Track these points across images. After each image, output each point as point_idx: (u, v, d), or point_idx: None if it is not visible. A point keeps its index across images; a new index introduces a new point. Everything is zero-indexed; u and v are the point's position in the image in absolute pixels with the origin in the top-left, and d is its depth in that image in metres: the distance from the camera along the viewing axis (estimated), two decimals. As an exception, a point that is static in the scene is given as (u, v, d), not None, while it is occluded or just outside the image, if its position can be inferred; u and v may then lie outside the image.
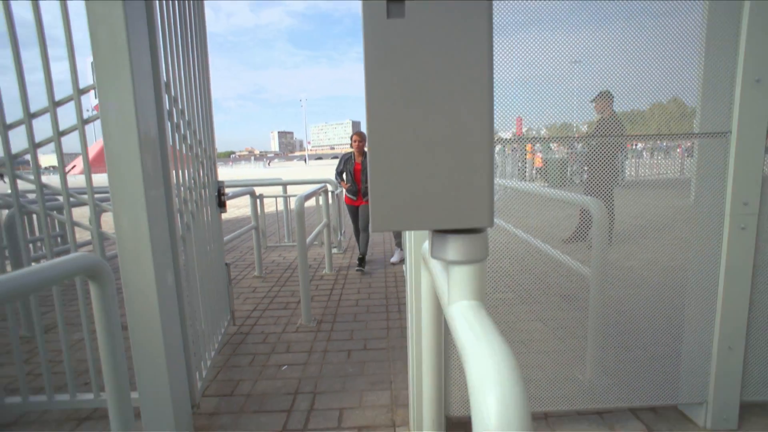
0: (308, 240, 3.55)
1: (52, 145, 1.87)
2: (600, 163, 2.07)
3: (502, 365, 0.55)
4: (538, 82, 2.27)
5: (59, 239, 4.93)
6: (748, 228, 1.69)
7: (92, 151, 2.12)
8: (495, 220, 3.24)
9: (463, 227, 0.73)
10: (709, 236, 1.77)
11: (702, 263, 1.81)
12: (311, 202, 7.39)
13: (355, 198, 4.88)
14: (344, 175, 4.87)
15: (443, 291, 0.86)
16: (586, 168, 3.08)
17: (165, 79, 1.97)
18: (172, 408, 1.90)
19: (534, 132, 2.52)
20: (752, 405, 1.95)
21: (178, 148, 2.14)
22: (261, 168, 61.12)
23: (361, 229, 4.91)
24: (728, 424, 1.84)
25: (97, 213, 1.92)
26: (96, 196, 1.92)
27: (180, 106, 2.20)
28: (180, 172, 2.15)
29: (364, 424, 2.05)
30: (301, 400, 2.28)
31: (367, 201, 4.57)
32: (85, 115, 1.88)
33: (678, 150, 2.64)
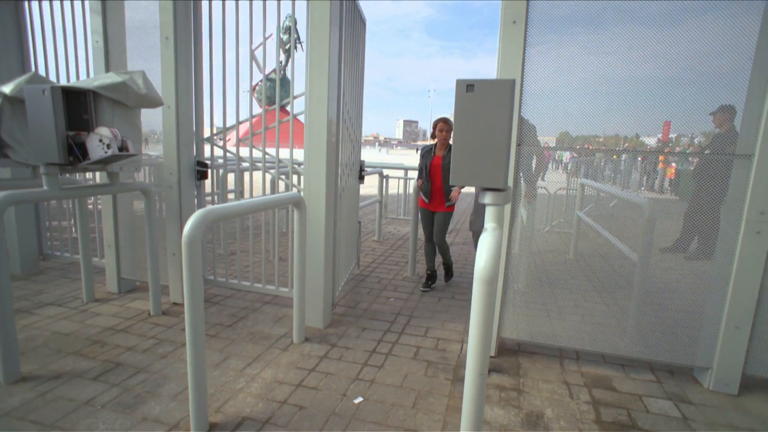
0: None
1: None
2: (708, 178, 2.40)
3: (492, 243, 1.40)
4: (698, 80, 2.15)
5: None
6: (762, 233, 2.13)
7: (241, 130, 3.17)
8: (594, 225, 3.92)
9: (492, 187, 1.57)
10: (729, 236, 2.23)
11: (722, 258, 2.28)
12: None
13: (427, 200, 3.84)
14: (422, 172, 3.86)
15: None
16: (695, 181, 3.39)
17: (342, 89, 3.06)
18: (323, 302, 3.01)
19: (686, 139, 2.79)
20: (755, 378, 2.34)
21: (343, 135, 3.24)
22: (383, 154, 64.43)
23: (436, 241, 3.89)
24: (729, 389, 2.29)
25: (292, 173, 3.13)
26: (245, 163, 3.11)
27: (347, 107, 3.30)
28: (342, 151, 3.25)
29: (442, 337, 2.94)
30: (400, 318, 3.26)
31: (448, 208, 3.81)
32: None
33: None
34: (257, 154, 3.27)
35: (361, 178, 4.00)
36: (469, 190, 3.52)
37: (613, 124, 2.47)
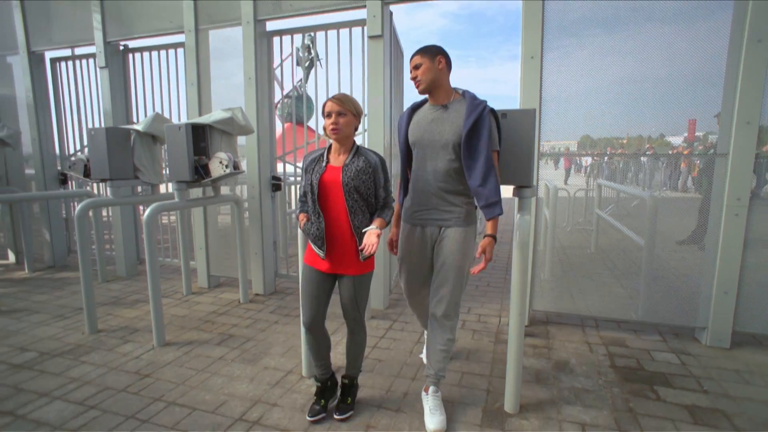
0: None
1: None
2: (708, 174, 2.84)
3: (527, 224, 2.03)
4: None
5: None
6: (740, 215, 2.68)
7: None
8: (610, 219, 4.51)
9: (524, 185, 2.21)
10: (716, 220, 2.79)
11: (711, 237, 2.83)
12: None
13: (322, 253, 2.02)
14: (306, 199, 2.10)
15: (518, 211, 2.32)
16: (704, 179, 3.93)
17: (392, 108, 3.74)
18: (383, 288, 3.66)
19: (714, 137, 3.21)
20: (744, 334, 2.85)
21: (394, 149, 3.91)
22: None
23: (351, 327, 2.18)
24: (722, 344, 2.82)
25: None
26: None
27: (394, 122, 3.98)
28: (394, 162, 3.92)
29: (482, 313, 3.55)
30: (445, 302, 3.87)
31: (364, 265, 2.07)
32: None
33: None
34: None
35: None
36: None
37: (636, 124, 2.77)
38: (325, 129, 1.99)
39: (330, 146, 2.08)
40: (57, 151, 5.20)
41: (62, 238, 5.29)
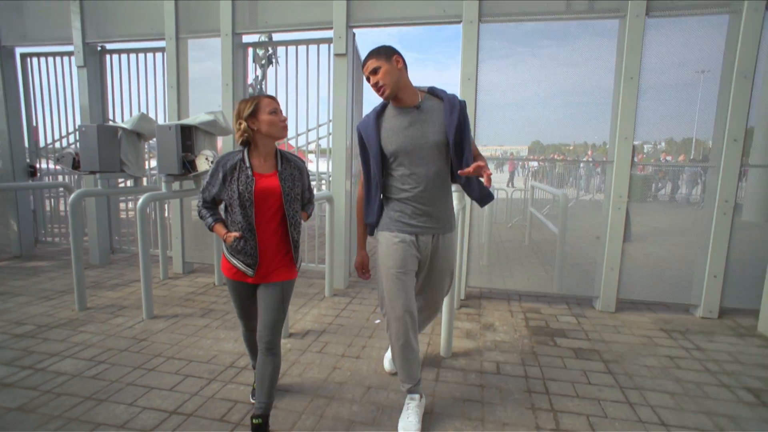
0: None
1: (306, 148, 4.36)
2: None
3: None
4: (659, 90, 3.06)
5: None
6: (621, 209, 3.50)
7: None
8: (537, 214, 5.37)
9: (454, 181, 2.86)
10: (605, 213, 3.61)
11: (601, 226, 3.65)
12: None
13: (251, 271, 1.90)
14: (224, 211, 1.95)
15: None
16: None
17: (353, 117, 4.33)
18: (344, 270, 4.23)
19: (650, 146, 4.06)
20: (626, 300, 3.71)
21: (354, 152, 4.50)
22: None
23: (263, 343, 1.88)
24: (609, 309, 3.64)
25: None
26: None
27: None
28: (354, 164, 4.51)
29: (428, 292, 4.21)
30: (398, 283, 4.51)
31: (291, 272, 1.98)
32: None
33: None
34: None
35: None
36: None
37: (575, 132, 3.57)
38: (260, 127, 1.80)
39: (248, 150, 1.88)
40: (26, 144, 5.35)
41: (29, 229, 5.43)
